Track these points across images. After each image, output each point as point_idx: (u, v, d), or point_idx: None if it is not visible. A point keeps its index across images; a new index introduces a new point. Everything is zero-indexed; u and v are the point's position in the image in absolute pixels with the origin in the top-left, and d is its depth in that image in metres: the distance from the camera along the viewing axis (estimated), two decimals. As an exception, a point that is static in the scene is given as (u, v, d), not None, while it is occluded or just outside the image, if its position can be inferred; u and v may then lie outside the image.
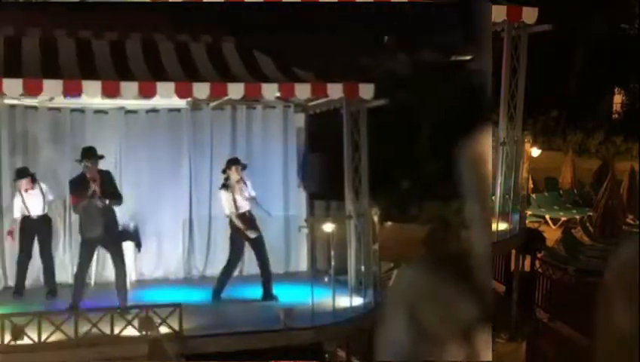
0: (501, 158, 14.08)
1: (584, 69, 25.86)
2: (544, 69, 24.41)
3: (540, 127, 23.66)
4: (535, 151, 20.61)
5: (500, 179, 14.06)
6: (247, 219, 13.64)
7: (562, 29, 25.69)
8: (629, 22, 24.54)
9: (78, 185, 12.47)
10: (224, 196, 13.71)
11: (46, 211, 14.11)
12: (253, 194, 13.82)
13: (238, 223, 13.62)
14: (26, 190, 13.90)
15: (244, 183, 13.76)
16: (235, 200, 13.55)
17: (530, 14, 13.95)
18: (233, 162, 13.93)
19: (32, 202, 13.95)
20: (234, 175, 13.71)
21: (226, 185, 13.70)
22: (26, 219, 14.01)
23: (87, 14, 15.02)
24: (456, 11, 15.66)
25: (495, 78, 14.32)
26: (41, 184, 14.03)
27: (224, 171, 13.93)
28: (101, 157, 12.66)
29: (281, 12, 15.52)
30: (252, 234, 13.61)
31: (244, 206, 13.62)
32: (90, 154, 12.55)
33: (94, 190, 12.27)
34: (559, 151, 22.90)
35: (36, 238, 14.08)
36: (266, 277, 13.66)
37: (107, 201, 12.41)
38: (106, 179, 12.60)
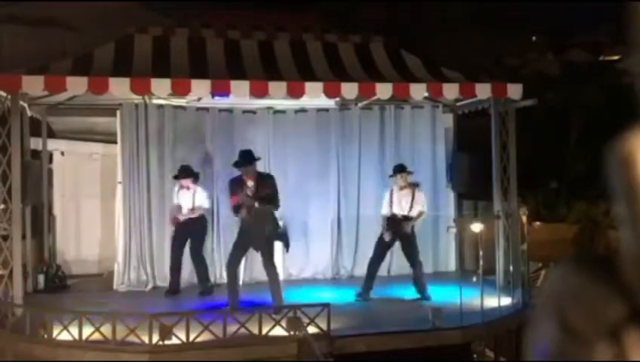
0: (497, 232, 13.75)
1: (581, 138, 25.07)
2: (542, 141, 23.78)
3: (541, 200, 22.96)
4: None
5: (498, 253, 13.72)
6: (394, 221, 13.58)
7: (558, 99, 24.91)
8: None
9: (235, 186, 12.35)
10: (385, 197, 13.72)
11: (196, 215, 14.17)
12: (421, 207, 13.58)
13: (382, 224, 13.62)
14: (182, 187, 14.12)
15: (412, 192, 13.60)
16: (391, 204, 13.51)
17: (515, 91, 13.59)
18: (396, 170, 13.84)
19: (183, 201, 14.16)
20: (399, 181, 13.67)
21: (392, 188, 13.70)
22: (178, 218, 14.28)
23: (235, 14, 15.27)
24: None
25: (487, 155, 14.24)
26: (197, 188, 14.14)
27: (391, 176, 13.94)
28: (257, 159, 12.56)
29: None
30: (386, 237, 13.57)
31: (402, 210, 13.51)
32: (245, 156, 12.42)
33: (247, 192, 12.15)
34: (563, 223, 22.14)
35: (189, 238, 14.25)
36: (416, 281, 13.59)
37: (259, 204, 12.15)
38: (266, 182, 12.35)
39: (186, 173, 14.09)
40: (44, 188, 15.15)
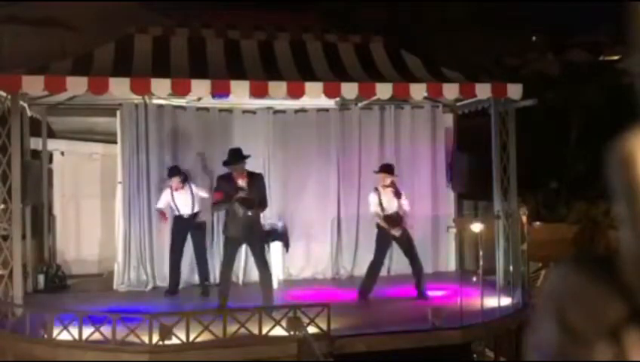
0: (497, 232, 13.74)
1: (581, 138, 25.12)
2: (542, 141, 23.79)
3: (541, 200, 22.99)
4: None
5: (498, 253, 13.72)
6: (392, 218, 13.54)
7: (558, 99, 24.89)
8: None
9: (223, 183, 12.37)
10: (371, 197, 13.70)
11: (198, 210, 14.24)
12: (405, 207, 13.60)
13: (382, 223, 13.60)
14: (176, 189, 14.08)
15: (395, 192, 13.55)
16: (381, 202, 13.49)
17: (515, 91, 13.58)
18: (382, 169, 13.84)
19: (181, 201, 14.13)
20: (383, 180, 13.64)
21: (376, 188, 13.67)
22: (177, 218, 14.23)
23: (235, 14, 15.28)
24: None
25: (487, 155, 14.25)
26: (191, 184, 14.20)
27: (377, 172, 13.93)
28: (247, 157, 12.50)
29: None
30: (396, 232, 13.49)
31: (390, 208, 13.50)
32: (236, 155, 12.47)
33: (240, 190, 12.18)
34: (563, 223, 22.15)
35: (190, 237, 14.30)
36: (417, 276, 13.58)
37: (255, 207, 12.26)
38: (256, 182, 12.42)
39: (173, 172, 14.10)
40: (44, 188, 15.16)
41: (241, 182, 12.21)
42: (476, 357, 11.71)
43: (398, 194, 13.48)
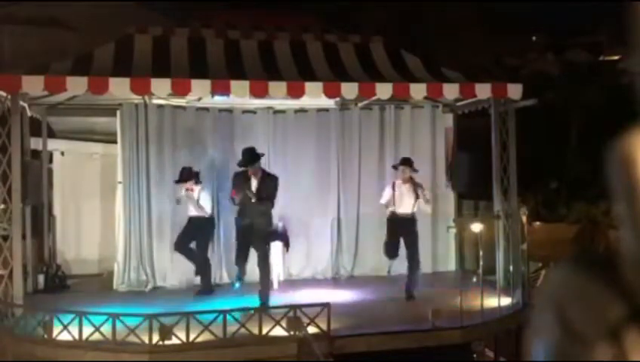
0: (497, 232, 13.71)
1: (581, 138, 25.14)
2: (542, 141, 23.78)
3: (540, 200, 22.98)
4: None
5: (498, 253, 13.69)
6: (397, 220, 13.53)
7: (558, 99, 24.89)
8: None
9: (239, 180, 12.58)
10: (386, 190, 13.70)
11: (206, 213, 14.12)
12: (425, 199, 13.58)
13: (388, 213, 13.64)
14: (187, 189, 14.01)
15: (414, 187, 13.49)
16: (394, 197, 13.48)
17: (515, 91, 13.58)
18: (402, 161, 13.82)
19: (192, 203, 14.04)
20: (402, 173, 13.60)
21: (394, 182, 13.62)
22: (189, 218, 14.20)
23: (235, 14, 15.28)
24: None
25: (487, 155, 14.23)
26: (199, 187, 14.04)
27: (394, 167, 13.93)
28: (261, 155, 12.78)
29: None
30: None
31: (401, 206, 13.47)
32: (250, 156, 12.60)
33: (250, 187, 12.39)
34: (563, 223, 22.12)
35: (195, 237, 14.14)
36: (410, 272, 13.56)
37: (258, 201, 12.41)
38: (268, 183, 12.58)
39: (185, 176, 14.01)
40: (44, 188, 15.16)
41: (254, 181, 12.41)
42: (476, 357, 11.70)
43: (416, 192, 13.40)
